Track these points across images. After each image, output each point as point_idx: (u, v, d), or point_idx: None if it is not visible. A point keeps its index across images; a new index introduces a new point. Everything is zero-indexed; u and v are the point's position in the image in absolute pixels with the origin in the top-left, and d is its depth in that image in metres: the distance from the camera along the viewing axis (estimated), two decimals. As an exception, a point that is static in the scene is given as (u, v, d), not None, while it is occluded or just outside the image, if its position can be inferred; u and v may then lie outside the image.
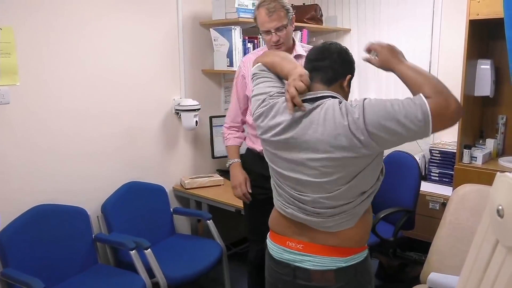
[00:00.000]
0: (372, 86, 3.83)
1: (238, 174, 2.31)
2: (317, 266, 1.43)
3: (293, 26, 2.22)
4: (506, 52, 1.45)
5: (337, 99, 1.37)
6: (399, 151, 3.03)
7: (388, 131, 1.26)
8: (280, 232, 1.54)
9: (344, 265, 1.42)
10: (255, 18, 2.20)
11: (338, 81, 1.44)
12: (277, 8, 2.10)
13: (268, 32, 2.13)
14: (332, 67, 1.43)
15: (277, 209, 1.57)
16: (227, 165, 2.37)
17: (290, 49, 2.24)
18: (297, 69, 1.42)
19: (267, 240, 1.61)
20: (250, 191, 2.28)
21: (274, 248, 1.55)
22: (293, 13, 2.20)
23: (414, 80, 1.32)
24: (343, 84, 1.45)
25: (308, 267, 1.44)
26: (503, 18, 1.44)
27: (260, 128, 1.47)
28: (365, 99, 1.32)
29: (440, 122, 1.25)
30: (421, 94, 1.26)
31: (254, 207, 2.33)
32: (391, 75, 1.41)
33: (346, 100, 1.44)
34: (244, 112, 2.38)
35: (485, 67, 3.09)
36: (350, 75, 1.46)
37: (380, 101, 1.29)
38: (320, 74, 1.44)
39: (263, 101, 1.46)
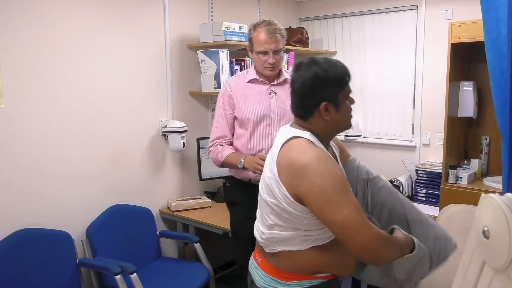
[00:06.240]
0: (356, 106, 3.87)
1: (251, 158, 2.12)
2: (260, 282, 1.47)
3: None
4: (488, 74, 1.48)
5: (301, 139, 1.36)
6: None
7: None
8: (257, 245, 1.58)
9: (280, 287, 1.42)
10: (250, 38, 2.20)
11: (313, 114, 1.37)
12: (277, 31, 2.14)
13: (265, 53, 2.14)
14: (300, 104, 1.39)
15: None
16: (240, 166, 2.15)
17: (278, 73, 2.27)
18: None
19: None
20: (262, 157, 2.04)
21: (251, 260, 1.60)
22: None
23: None
24: (322, 114, 1.36)
25: (256, 280, 1.49)
26: (483, 41, 1.48)
27: None
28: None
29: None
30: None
31: (246, 241, 2.24)
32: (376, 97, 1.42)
33: (332, 128, 1.41)
34: (232, 135, 2.34)
35: (467, 88, 3.15)
36: (324, 103, 1.34)
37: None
38: (295, 111, 1.43)
39: None
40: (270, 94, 2.25)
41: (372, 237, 1.23)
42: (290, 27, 3.96)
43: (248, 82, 2.28)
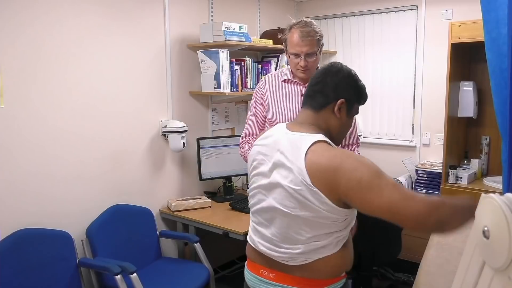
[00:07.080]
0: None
1: None
2: None
3: (321, 54, 2.18)
4: (488, 74, 1.48)
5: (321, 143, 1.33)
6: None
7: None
8: (255, 260, 1.50)
9: None
10: (285, 39, 2.16)
11: (328, 106, 1.40)
12: (311, 34, 2.06)
13: (297, 55, 2.10)
14: (322, 91, 1.40)
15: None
16: None
17: None
18: None
19: (244, 268, 1.56)
20: None
21: (249, 276, 1.52)
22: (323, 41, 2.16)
23: None
24: (334, 109, 1.40)
25: None
26: (483, 41, 1.48)
27: None
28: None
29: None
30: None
31: None
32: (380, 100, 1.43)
33: (336, 131, 1.43)
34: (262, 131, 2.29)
35: (467, 88, 3.16)
36: (343, 100, 1.39)
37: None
38: (310, 100, 1.42)
39: None
40: (302, 96, 2.22)
41: (421, 205, 1.18)
42: (290, 27, 3.95)
43: (282, 81, 2.25)
